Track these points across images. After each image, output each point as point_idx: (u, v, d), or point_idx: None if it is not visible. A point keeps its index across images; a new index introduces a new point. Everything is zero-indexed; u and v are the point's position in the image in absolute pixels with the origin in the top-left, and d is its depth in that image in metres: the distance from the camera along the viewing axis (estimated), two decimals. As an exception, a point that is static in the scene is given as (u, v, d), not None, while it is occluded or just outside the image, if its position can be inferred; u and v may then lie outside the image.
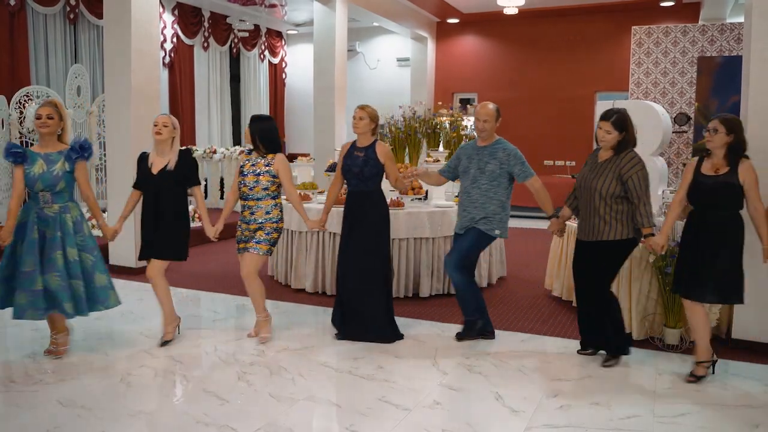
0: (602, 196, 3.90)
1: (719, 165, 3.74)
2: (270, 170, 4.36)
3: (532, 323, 5.04)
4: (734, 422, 3.35)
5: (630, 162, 3.87)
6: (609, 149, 3.98)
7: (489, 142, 4.44)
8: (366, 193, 4.48)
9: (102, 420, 3.28)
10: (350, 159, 4.50)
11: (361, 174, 4.43)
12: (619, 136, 3.92)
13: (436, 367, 4.08)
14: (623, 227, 3.90)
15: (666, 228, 3.91)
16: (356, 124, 4.47)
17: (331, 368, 4.04)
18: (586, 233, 4.01)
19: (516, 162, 4.34)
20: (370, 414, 3.37)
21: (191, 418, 3.30)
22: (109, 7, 6.61)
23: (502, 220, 4.39)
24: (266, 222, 4.38)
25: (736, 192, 3.69)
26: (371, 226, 4.47)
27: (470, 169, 4.41)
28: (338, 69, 9.71)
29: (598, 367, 4.08)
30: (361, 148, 4.50)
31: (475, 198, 4.37)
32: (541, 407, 3.48)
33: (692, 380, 3.84)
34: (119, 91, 6.59)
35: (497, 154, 4.36)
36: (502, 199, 4.38)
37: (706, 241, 3.75)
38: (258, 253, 4.36)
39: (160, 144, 4.29)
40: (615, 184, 3.87)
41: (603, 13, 11.86)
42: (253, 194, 4.37)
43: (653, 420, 3.34)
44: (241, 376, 3.87)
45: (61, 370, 3.92)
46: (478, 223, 4.36)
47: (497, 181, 4.34)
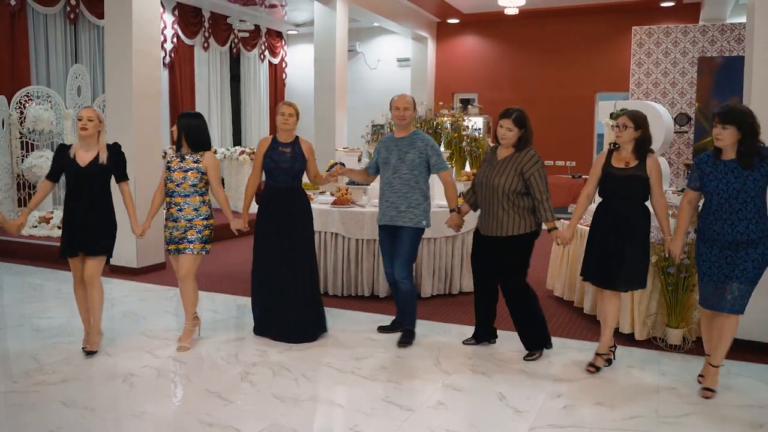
0: (505, 193, 4.04)
1: (628, 158, 3.91)
2: (199, 167, 4.29)
3: (534, 323, 5.03)
4: (738, 422, 3.35)
5: (531, 160, 4.04)
6: (510, 146, 4.12)
7: (407, 133, 4.51)
8: (294, 188, 4.50)
9: (105, 420, 3.27)
10: (276, 155, 4.45)
11: (291, 169, 4.44)
12: (519, 132, 4.08)
13: (438, 367, 4.07)
14: (525, 221, 4.07)
15: (573, 221, 4.10)
16: (287, 120, 4.48)
17: (334, 368, 4.03)
18: (488, 229, 4.14)
19: (434, 152, 4.45)
20: (373, 414, 3.37)
21: (194, 418, 3.30)
22: (110, 7, 6.61)
23: (426, 210, 4.47)
24: (196, 219, 4.30)
25: (643, 184, 3.85)
26: (302, 223, 4.51)
27: (390, 160, 4.47)
28: (339, 69, 9.71)
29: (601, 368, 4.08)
30: (286, 144, 4.50)
31: (397, 188, 4.43)
32: (545, 407, 3.47)
33: (592, 370, 3.99)
34: (120, 91, 6.58)
35: (416, 144, 4.44)
36: (424, 188, 4.46)
37: (616, 231, 3.88)
38: (192, 253, 4.30)
39: (85, 139, 4.10)
40: (517, 181, 4.02)
41: (603, 14, 11.86)
42: (180, 190, 4.28)
43: (657, 420, 3.34)
44: (244, 376, 3.87)
45: (63, 371, 3.92)
46: (404, 219, 4.39)
47: (417, 170, 4.42)
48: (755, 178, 3.43)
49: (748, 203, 3.45)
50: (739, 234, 3.48)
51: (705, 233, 3.62)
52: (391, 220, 4.45)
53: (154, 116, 6.82)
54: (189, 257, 4.31)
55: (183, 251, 4.31)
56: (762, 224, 3.48)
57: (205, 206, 4.37)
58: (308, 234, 4.56)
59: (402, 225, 4.41)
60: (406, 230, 4.42)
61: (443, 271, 5.77)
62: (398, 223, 4.42)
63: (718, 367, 3.68)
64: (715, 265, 3.59)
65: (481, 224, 4.23)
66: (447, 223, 4.47)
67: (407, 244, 4.43)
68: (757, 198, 3.46)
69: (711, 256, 3.60)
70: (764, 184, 3.46)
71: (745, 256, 3.49)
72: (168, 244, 4.38)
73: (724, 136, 3.47)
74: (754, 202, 3.46)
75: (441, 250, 5.73)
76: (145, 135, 6.67)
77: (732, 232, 3.50)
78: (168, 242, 4.38)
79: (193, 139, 4.33)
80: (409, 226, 4.40)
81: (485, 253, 4.24)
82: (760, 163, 3.43)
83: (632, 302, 4.54)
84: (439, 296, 5.76)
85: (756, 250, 3.49)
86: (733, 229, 3.49)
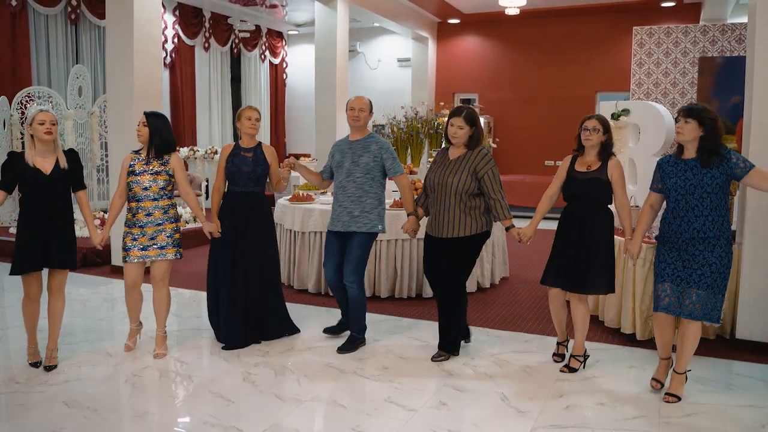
0: (458, 193, 4.02)
1: (591, 162, 3.95)
2: (167, 169, 4.19)
3: (534, 324, 5.04)
4: (740, 423, 3.35)
5: (484, 159, 4.04)
6: (461, 146, 4.11)
7: (362, 136, 4.42)
8: (256, 193, 4.44)
9: (108, 421, 3.28)
10: (238, 159, 4.40)
11: (253, 174, 4.38)
12: (470, 131, 4.08)
13: (440, 367, 4.08)
14: (477, 222, 4.06)
15: (535, 221, 4.12)
16: (253, 125, 4.42)
17: (336, 369, 4.03)
18: (440, 230, 4.09)
19: (389, 156, 4.37)
20: (376, 414, 3.37)
21: (197, 419, 3.30)
22: (111, 8, 6.61)
23: (381, 214, 4.38)
24: (165, 222, 4.19)
25: (604, 187, 3.88)
26: (265, 227, 4.46)
27: (344, 163, 4.37)
28: (339, 69, 9.71)
29: (603, 368, 4.09)
30: (248, 149, 4.44)
31: (351, 192, 4.33)
32: (547, 407, 3.48)
33: (566, 371, 4.02)
34: (121, 91, 6.59)
35: (370, 147, 4.35)
36: (379, 192, 4.39)
37: (580, 235, 3.90)
38: (167, 258, 4.21)
39: (46, 144, 3.87)
40: (470, 181, 4.01)
41: (604, 14, 11.87)
42: (149, 194, 4.13)
43: (659, 420, 3.35)
44: (246, 376, 3.87)
45: (66, 372, 3.92)
46: (358, 224, 4.30)
47: (372, 174, 4.34)
48: (713, 175, 3.44)
49: (705, 199, 3.45)
50: (695, 231, 3.47)
51: (665, 234, 3.61)
52: (344, 226, 4.33)
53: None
54: (164, 263, 4.21)
55: (156, 257, 4.18)
56: (719, 223, 3.46)
57: (174, 209, 4.27)
58: (269, 238, 4.51)
59: (355, 230, 4.31)
60: (359, 235, 4.32)
61: (444, 271, 5.76)
62: (351, 229, 4.31)
63: (684, 374, 3.62)
64: (673, 267, 3.55)
65: (432, 226, 4.16)
66: (404, 227, 4.35)
67: (359, 250, 4.33)
68: (713, 195, 3.44)
69: (670, 258, 3.57)
70: (723, 183, 3.45)
71: (703, 261, 3.46)
72: (129, 251, 4.15)
73: (685, 130, 3.48)
74: (711, 198, 3.44)
75: (442, 250, 5.72)
76: (147, 135, 6.66)
77: (689, 229, 3.48)
78: (128, 249, 4.16)
79: (164, 140, 4.20)
80: (363, 231, 4.31)
81: (437, 256, 4.16)
82: (719, 162, 3.44)
83: (633, 303, 4.54)
84: (440, 296, 5.76)
85: (712, 254, 3.45)
86: (690, 227, 3.48)
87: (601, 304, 5.04)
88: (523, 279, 6.65)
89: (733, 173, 3.44)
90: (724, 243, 3.47)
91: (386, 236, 5.53)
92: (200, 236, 8.77)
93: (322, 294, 5.81)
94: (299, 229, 5.91)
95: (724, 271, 3.47)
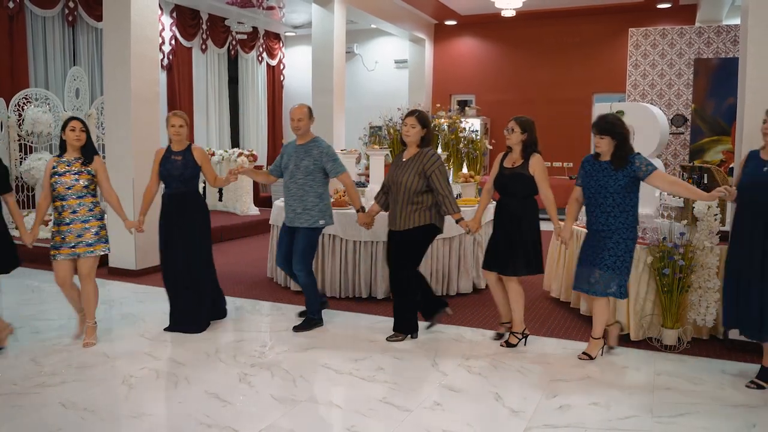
0: (408, 190, 4.41)
1: (516, 159, 4.40)
2: (88, 169, 4.37)
3: (530, 324, 5.05)
4: (732, 422, 3.38)
5: (431, 159, 4.42)
6: (414, 146, 4.50)
7: (306, 141, 4.80)
8: (186, 194, 4.70)
9: (105, 422, 3.30)
10: (168, 163, 4.67)
11: (182, 176, 4.63)
12: (422, 131, 4.48)
13: (435, 368, 4.10)
14: (421, 216, 4.44)
15: (478, 213, 4.60)
16: (178, 132, 4.65)
17: (332, 369, 4.06)
18: (396, 224, 4.51)
19: (328, 159, 4.74)
20: (371, 415, 3.40)
21: (193, 419, 3.32)
22: (109, 10, 6.64)
23: (322, 209, 4.77)
24: (92, 220, 4.38)
25: (527, 181, 4.32)
26: (197, 225, 4.72)
27: (289, 166, 4.78)
28: (336, 71, 9.73)
29: (597, 367, 4.12)
30: (178, 153, 4.69)
31: (293, 192, 4.75)
32: (541, 407, 3.50)
33: (504, 345, 4.48)
34: (118, 93, 6.61)
35: (312, 152, 4.73)
36: (319, 191, 4.76)
37: (509, 223, 4.36)
38: (95, 254, 4.40)
39: None
40: (419, 179, 4.40)
41: (600, 15, 11.91)
42: (73, 193, 4.32)
43: (651, 420, 3.37)
44: (243, 377, 3.90)
45: (62, 373, 3.94)
46: (301, 221, 4.72)
47: (312, 176, 4.72)
48: (617, 178, 3.98)
49: (608, 198, 4.00)
50: (600, 224, 4.05)
51: (586, 223, 4.21)
52: (290, 221, 4.79)
53: (153, 118, 6.85)
54: (91, 259, 4.39)
55: (84, 255, 4.35)
56: (621, 218, 4.00)
57: (98, 207, 4.47)
58: (201, 237, 4.75)
59: (299, 226, 4.74)
60: (302, 230, 4.75)
61: (440, 272, 5.80)
62: (296, 224, 4.76)
63: (599, 339, 4.25)
64: (586, 252, 4.15)
65: (390, 221, 4.58)
66: (358, 221, 4.81)
67: (303, 242, 4.75)
68: (616, 195, 3.98)
69: (586, 243, 4.18)
70: (626, 185, 3.98)
71: (603, 245, 4.04)
72: (58, 249, 4.35)
73: (602, 145, 4.05)
74: (614, 197, 3.99)
75: (438, 251, 5.76)
76: (144, 137, 6.69)
77: (596, 222, 4.07)
78: (58, 247, 4.35)
79: (90, 143, 4.43)
80: (305, 226, 4.72)
81: (392, 246, 4.59)
82: (624, 166, 3.97)
83: (628, 303, 4.57)
84: (436, 297, 5.78)
85: (611, 239, 4.02)
86: (596, 220, 4.06)
87: (595, 304, 5.06)
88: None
89: (636, 175, 3.97)
90: (623, 232, 4.01)
91: (383, 238, 5.55)
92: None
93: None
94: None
95: (621, 254, 4.02)
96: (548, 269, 5.97)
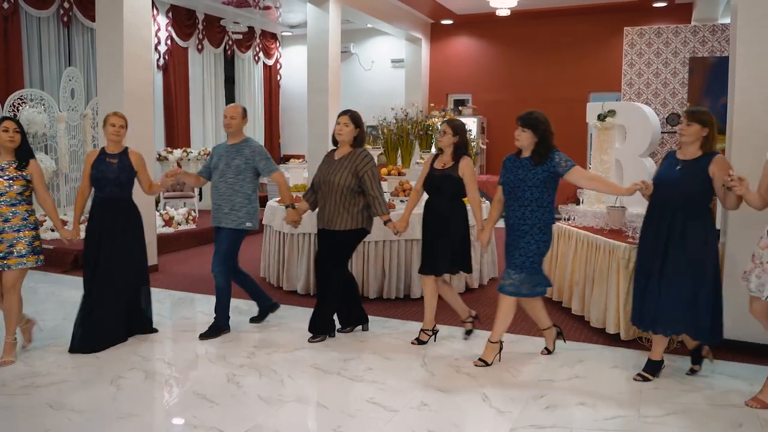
0: (341, 190, 4.42)
1: (447, 160, 4.45)
2: (24, 174, 4.12)
3: (521, 324, 5.06)
4: (719, 422, 3.38)
5: (364, 159, 4.46)
6: (346, 145, 4.52)
7: (237, 141, 4.74)
8: (121, 199, 4.49)
9: (92, 423, 3.30)
10: (103, 166, 4.43)
11: (117, 180, 4.43)
12: (355, 131, 4.51)
13: (425, 368, 4.11)
14: (355, 219, 4.47)
15: (406, 214, 4.59)
16: (117, 132, 4.48)
17: (321, 370, 4.06)
18: (325, 222, 4.52)
19: (261, 158, 4.69)
20: (357, 415, 3.40)
21: (180, 420, 3.33)
22: (101, 11, 6.63)
23: (250, 212, 4.70)
24: (24, 230, 4.10)
25: (456, 183, 4.38)
26: (129, 234, 4.50)
27: (219, 165, 4.72)
28: (332, 71, 9.72)
29: (586, 367, 4.12)
30: (113, 155, 4.49)
31: (222, 191, 4.67)
32: (528, 408, 3.51)
33: (415, 343, 4.54)
34: (112, 94, 6.60)
35: (243, 151, 4.68)
36: (248, 192, 4.70)
37: (437, 224, 4.43)
38: (26, 266, 4.12)
39: None
40: (351, 179, 4.42)
41: (595, 14, 11.90)
42: (5, 200, 4.06)
43: (638, 420, 3.38)
44: (231, 378, 3.90)
45: (52, 374, 3.95)
46: (228, 221, 4.65)
47: (242, 176, 4.66)
48: (536, 172, 3.99)
49: (526, 192, 4.01)
50: (517, 219, 4.05)
51: (505, 220, 4.20)
52: (217, 221, 4.72)
53: (147, 119, 6.85)
54: (17, 271, 4.09)
55: (16, 266, 4.06)
56: (538, 213, 4.00)
57: (33, 216, 4.20)
58: (137, 243, 4.56)
59: (224, 226, 4.67)
60: (227, 231, 4.69)
61: (433, 272, 5.80)
62: (222, 225, 4.69)
63: (496, 343, 4.17)
64: (506, 248, 4.15)
65: (320, 219, 4.58)
66: (285, 219, 4.76)
67: (225, 243, 4.69)
68: (535, 189, 3.99)
69: (507, 240, 4.17)
70: (545, 180, 3.99)
71: (516, 244, 4.04)
72: None
73: (521, 138, 4.05)
74: (531, 192, 4.00)
75: (430, 251, 5.75)
76: (138, 138, 6.64)
77: (513, 216, 4.07)
78: None
79: (28, 146, 4.20)
80: (230, 227, 4.66)
81: (322, 245, 4.60)
82: (544, 161, 3.99)
83: (618, 303, 4.57)
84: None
85: (524, 238, 4.01)
86: (514, 214, 4.07)
87: (586, 303, 5.07)
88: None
89: (555, 171, 3.99)
90: (536, 231, 4.01)
91: (375, 237, 5.56)
92: (193, 237, 8.80)
93: (311, 295, 5.83)
94: (288, 231, 5.94)
95: (532, 255, 4.02)
96: (540, 269, 5.97)
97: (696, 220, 3.72)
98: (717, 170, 3.66)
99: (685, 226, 3.71)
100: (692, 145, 3.76)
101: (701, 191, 3.73)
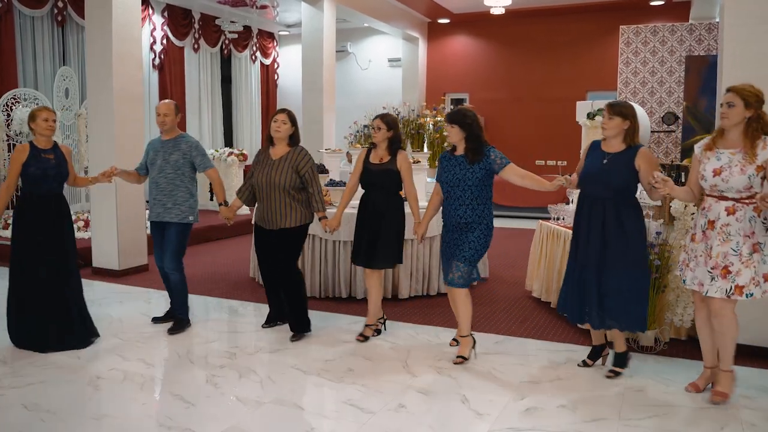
0: (284, 188, 4.47)
1: (383, 155, 4.53)
2: None
3: (508, 325, 5.03)
4: (700, 425, 3.34)
5: (304, 158, 4.53)
6: (283, 143, 4.56)
7: (173, 136, 4.80)
8: (59, 195, 4.48)
9: (65, 423, 3.27)
10: (41, 162, 4.33)
11: (58, 176, 4.41)
12: (291, 129, 4.55)
13: (406, 369, 4.07)
14: (300, 214, 4.55)
15: (339, 211, 4.67)
16: (50, 126, 4.38)
17: (301, 371, 4.03)
18: (269, 222, 4.56)
19: (197, 154, 4.76)
20: (333, 417, 3.37)
21: (155, 421, 3.30)
22: (91, 10, 6.62)
23: (192, 206, 4.79)
24: None
25: (393, 177, 4.49)
26: (65, 232, 4.47)
27: (157, 161, 4.75)
28: (327, 70, 9.70)
29: (569, 369, 4.08)
30: (48, 150, 4.41)
31: (163, 186, 4.72)
32: (507, 410, 3.46)
33: (361, 339, 4.60)
34: (102, 94, 6.59)
35: (181, 146, 4.74)
36: (189, 186, 4.78)
37: (375, 218, 4.50)
38: None
39: None
40: (293, 177, 4.48)
41: (593, 13, 11.85)
42: None
43: (618, 423, 3.33)
44: (210, 378, 3.87)
45: (30, 374, 3.92)
46: (171, 215, 4.70)
47: (181, 170, 4.73)
48: (474, 170, 4.03)
49: (466, 191, 4.04)
50: (459, 217, 4.08)
51: (443, 218, 4.23)
52: (158, 216, 4.74)
53: (138, 118, 6.83)
54: None
55: None
56: (479, 211, 4.06)
57: None
58: (71, 240, 4.54)
59: (169, 221, 4.71)
60: (173, 225, 4.74)
61: (420, 272, 5.77)
62: (165, 219, 4.72)
63: (466, 337, 4.23)
64: (447, 245, 4.17)
65: (261, 219, 4.62)
66: (221, 215, 4.80)
67: (174, 238, 4.75)
68: (474, 188, 4.03)
69: (446, 237, 4.19)
70: (483, 177, 4.04)
71: (464, 239, 4.07)
72: None
73: (451, 134, 4.11)
74: (471, 191, 4.04)
75: (418, 251, 5.72)
76: (127, 137, 6.68)
77: (455, 215, 4.10)
78: None
79: None
80: (176, 221, 4.71)
81: (267, 244, 4.65)
82: (480, 159, 4.02)
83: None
84: (416, 297, 5.76)
85: (473, 234, 4.06)
86: (455, 213, 4.09)
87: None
88: (503, 280, 6.64)
89: (491, 168, 4.04)
90: (483, 227, 4.08)
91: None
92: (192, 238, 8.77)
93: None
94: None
95: (480, 249, 4.09)
96: (530, 269, 5.93)
97: (628, 210, 3.79)
98: (643, 163, 3.73)
99: (619, 218, 3.77)
100: (615, 139, 3.83)
101: (629, 183, 3.80)
